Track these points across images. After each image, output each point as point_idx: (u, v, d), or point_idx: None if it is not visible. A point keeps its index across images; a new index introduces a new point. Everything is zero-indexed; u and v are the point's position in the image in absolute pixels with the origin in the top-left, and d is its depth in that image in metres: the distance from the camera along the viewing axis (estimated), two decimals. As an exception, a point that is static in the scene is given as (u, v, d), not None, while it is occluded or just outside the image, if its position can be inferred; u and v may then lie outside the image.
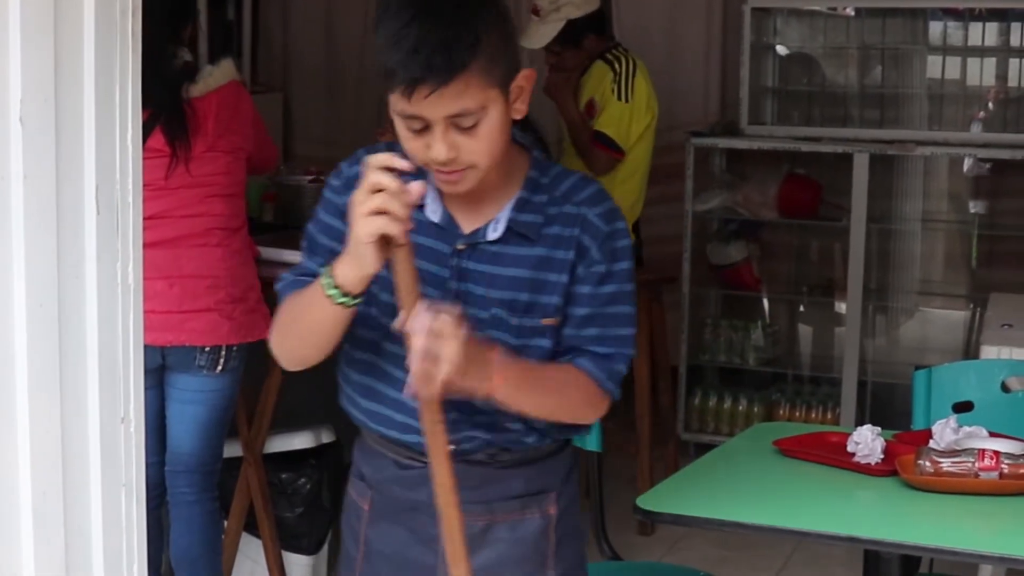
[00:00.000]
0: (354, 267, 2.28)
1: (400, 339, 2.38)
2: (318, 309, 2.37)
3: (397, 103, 2.33)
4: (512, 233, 2.45)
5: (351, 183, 2.39)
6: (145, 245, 2.29)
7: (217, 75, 4.41)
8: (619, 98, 5.65)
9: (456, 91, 2.28)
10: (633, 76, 5.69)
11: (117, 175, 2.17)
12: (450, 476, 2.29)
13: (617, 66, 5.68)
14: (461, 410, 2.44)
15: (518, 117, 2.43)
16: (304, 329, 2.46)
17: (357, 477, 2.69)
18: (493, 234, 2.46)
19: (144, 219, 2.27)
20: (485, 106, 2.32)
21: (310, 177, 6.16)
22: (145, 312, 2.28)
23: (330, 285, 2.31)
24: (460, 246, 2.45)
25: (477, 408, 2.46)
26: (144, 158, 2.27)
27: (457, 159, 2.34)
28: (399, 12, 2.32)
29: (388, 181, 2.20)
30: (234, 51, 8.22)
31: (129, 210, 2.19)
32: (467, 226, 2.47)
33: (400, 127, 2.37)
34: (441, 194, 2.47)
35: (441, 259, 2.45)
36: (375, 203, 2.19)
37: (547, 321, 2.48)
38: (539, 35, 5.67)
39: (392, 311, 2.40)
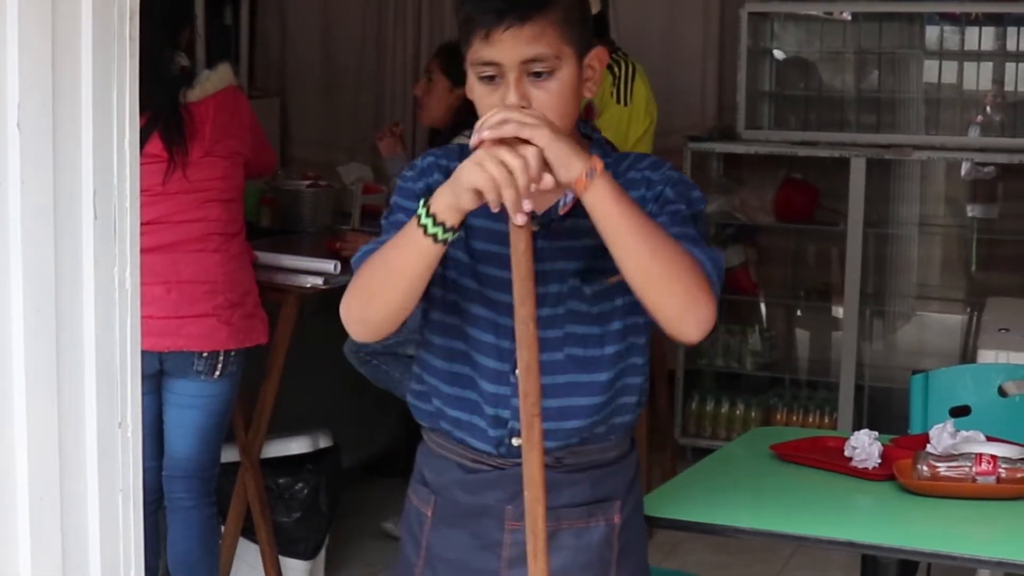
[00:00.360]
0: (450, 196, 2.30)
1: (484, 326, 2.49)
2: (407, 247, 2.36)
3: (476, 51, 2.40)
4: (582, 205, 2.43)
5: (424, 172, 2.53)
6: (143, 250, 2.29)
7: (214, 80, 4.41)
8: (618, 101, 5.65)
9: (533, 33, 2.36)
10: (632, 80, 5.70)
11: (115, 180, 2.17)
12: (541, 470, 2.30)
13: (616, 70, 5.68)
14: None
15: (588, 96, 2.49)
16: (390, 275, 2.40)
17: (419, 483, 2.69)
18: (563, 207, 2.48)
19: (142, 224, 2.27)
20: (560, 57, 2.39)
21: (308, 182, 6.16)
22: (143, 317, 2.28)
23: (425, 214, 2.31)
24: (534, 227, 2.43)
25: (549, 392, 2.44)
26: (141, 163, 2.27)
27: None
28: None
29: (518, 168, 2.23)
30: (231, 56, 8.22)
31: (127, 215, 2.19)
32: (539, 208, 2.46)
33: (476, 85, 2.43)
34: None
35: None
36: (491, 169, 2.22)
37: (612, 279, 2.47)
38: None
39: (472, 296, 2.50)
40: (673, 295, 2.33)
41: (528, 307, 2.29)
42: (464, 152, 2.50)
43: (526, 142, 2.26)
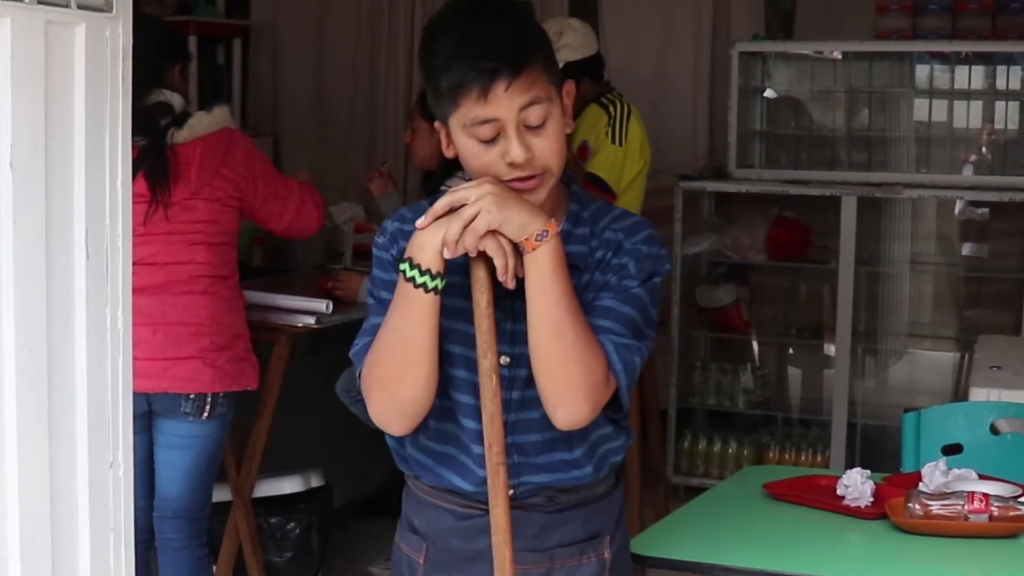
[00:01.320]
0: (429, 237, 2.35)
1: (464, 387, 2.49)
2: (408, 308, 2.39)
3: (470, 112, 2.39)
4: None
5: (396, 237, 2.53)
6: (131, 291, 2.29)
7: (205, 123, 4.38)
8: (613, 141, 5.67)
9: (527, 82, 2.38)
10: (627, 120, 5.71)
11: (107, 220, 2.17)
12: (507, 515, 2.36)
13: (612, 110, 5.70)
14: (520, 452, 2.49)
15: (568, 131, 2.51)
16: (407, 345, 2.42)
17: (408, 530, 2.68)
18: None
19: (129, 264, 2.27)
20: (550, 100, 2.42)
21: (299, 221, 6.15)
22: (131, 358, 2.28)
23: (409, 268, 2.36)
24: (512, 286, 2.46)
25: (534, 448, 2.51)
26: (126, 202, 2.28)
27: (532, 161, 2.40)
28: (455, 26, 2.43)
29: (500, 258, 2.33)
30: (224, 95, 8.24)
31: (119, 255, 2.20)
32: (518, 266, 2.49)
33: (469, 145, 2.44)
34: None
35: (494, 301, 2.47)
36: (505, 246, 2.33)
37: None
38: None
39: (451, 359, 2.49)
40: (554, 380, 2.41)
41: (491, 359, 2.35)
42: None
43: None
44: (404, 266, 2.36)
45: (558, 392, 2.41)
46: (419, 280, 2.35)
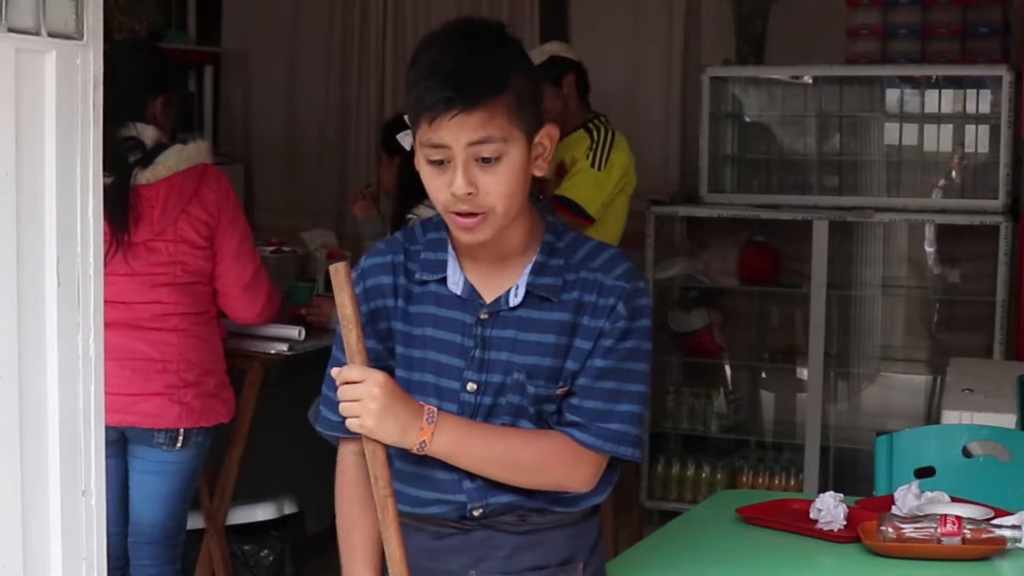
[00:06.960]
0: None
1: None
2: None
3: (424, 134, 2.41)
4: (533, 297, 2.50)
5: (364, 274, 2.62)
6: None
7: (173, 161, 4.30)
8: (592, 165, 5.70)
9: (481, 119, 2.37)
10: (610, 146, 5.74)
11: (78, 247, 2.16)
12: (401, 547, 2.38)
13: (596, 135, 5.74)
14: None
15: (539, 174, 2.50)
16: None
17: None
18: (514, 300, 2.50)
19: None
20: (507, 140, 2.40)
21: (271, 248, 6.15)
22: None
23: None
24: (483, 315, 2.50)
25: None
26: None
27: (476, 199, 2.40)
28: (439, 45, 2.43)
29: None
30: (195, 122, 8.24)
31: (90, 282, 2.19)
32: (489, 296, 2.51)
33: (423, 164, 2.45)
34: (462, 267, 2.53)
35: (465, 329, 2.50)
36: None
37: (561, 391, 2.51)
38: None
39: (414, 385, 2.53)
40: (537, 485, 2.52)
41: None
42: (408, 238, 2.58)
43: None
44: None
45: (554, 487, 2.53)
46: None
